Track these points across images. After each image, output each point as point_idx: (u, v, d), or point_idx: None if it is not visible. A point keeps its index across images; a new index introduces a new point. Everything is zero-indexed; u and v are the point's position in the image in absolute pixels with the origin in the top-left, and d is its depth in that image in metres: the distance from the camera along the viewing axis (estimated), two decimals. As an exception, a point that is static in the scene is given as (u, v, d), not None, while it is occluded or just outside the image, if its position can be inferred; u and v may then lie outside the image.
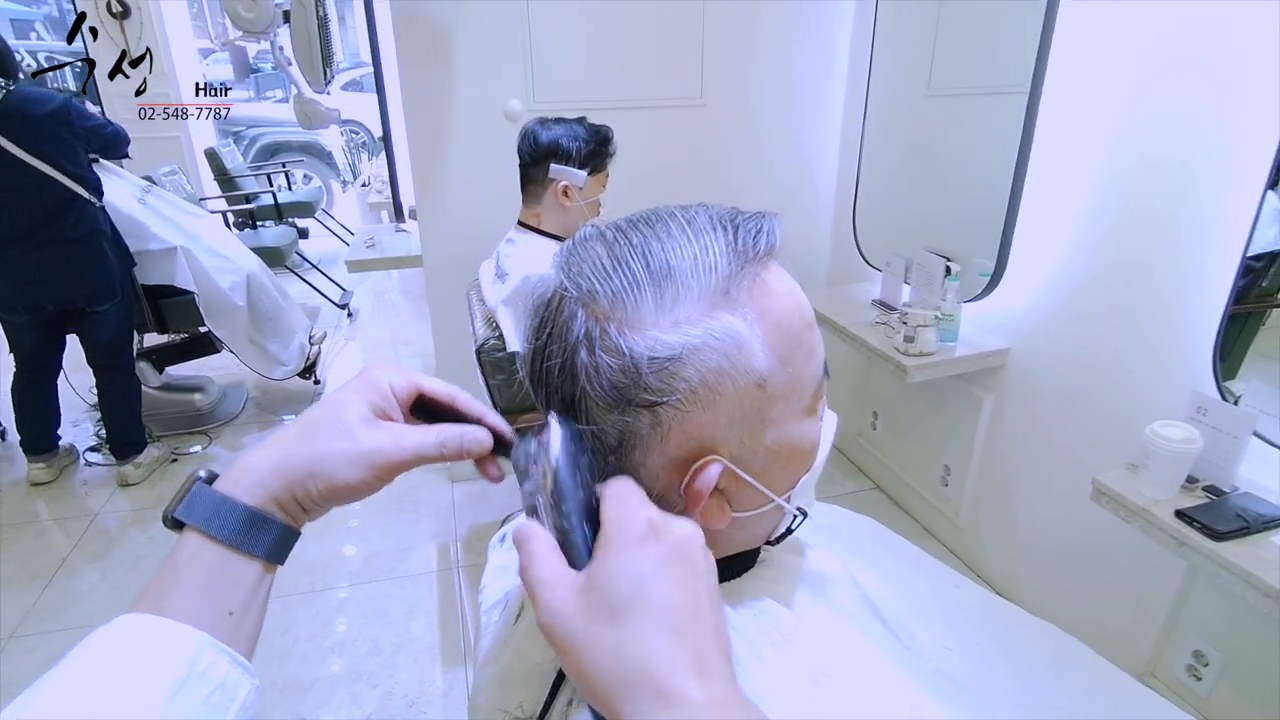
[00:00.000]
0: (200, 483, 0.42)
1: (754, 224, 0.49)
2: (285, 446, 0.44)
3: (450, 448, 0.46)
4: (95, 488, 2.66)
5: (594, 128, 1.64)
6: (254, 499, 0.42)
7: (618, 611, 0.37)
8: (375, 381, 0.47)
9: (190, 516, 0.41)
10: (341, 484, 0.44)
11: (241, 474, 0.43)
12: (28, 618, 2.03)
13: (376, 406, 0.46)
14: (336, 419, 0.45)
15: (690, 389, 0.45)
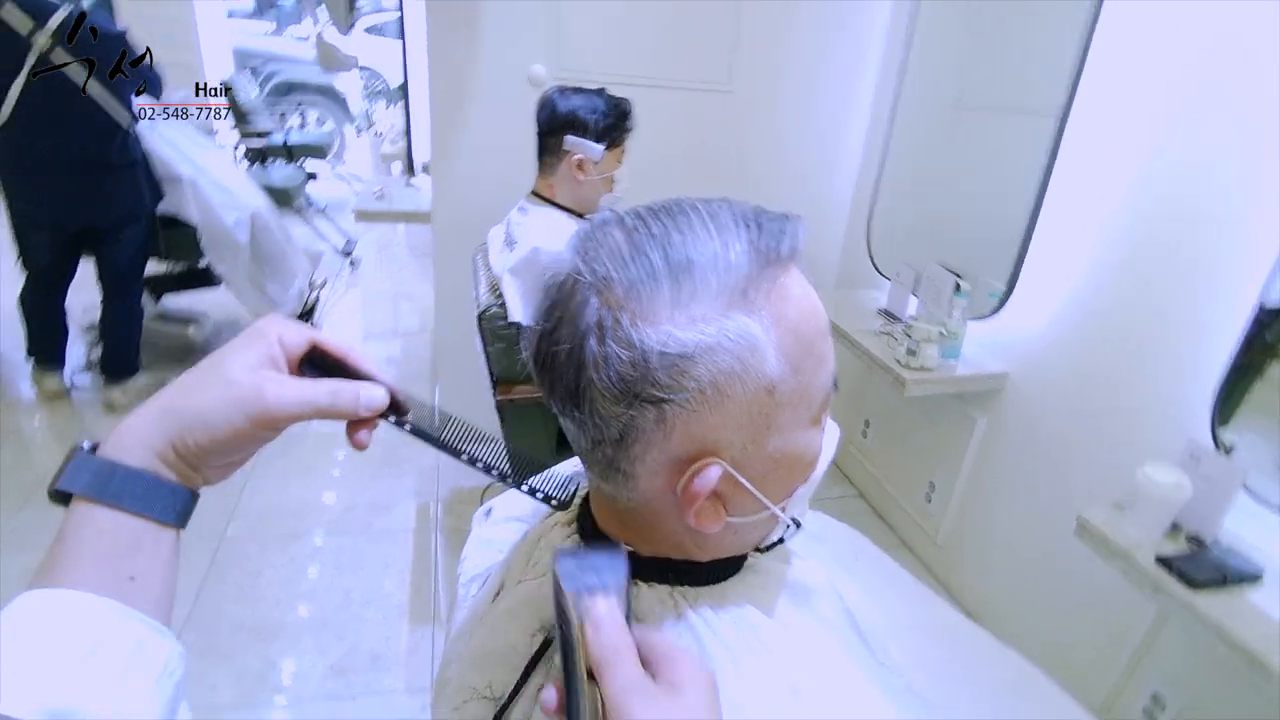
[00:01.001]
0: (83, 452, 0.40)
1: (778, 225, 0.48)
2: (165, 401, 0.42)
3: (344, 399, 0.45)
4: (80, 410, 2.65)
5: (614, 101, 1.61)
6: (138, 459, 0.40)
7: None
8: (263, 332, 0.45)
9: (74, 485, 0.39)
10: (222, 434, 0.41)
11: (123, 436, 0.41)
12: (9, 531, 2.02)
13: (264, 358, 0.44)
14: (217, 369, 0.43)
15: (699, 388, 0.44)
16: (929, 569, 2.26)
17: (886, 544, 2.35)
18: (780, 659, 0.54)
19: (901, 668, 0.69)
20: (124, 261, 2.60)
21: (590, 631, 0.41)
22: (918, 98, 2.27)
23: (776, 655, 0.54)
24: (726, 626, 0.54)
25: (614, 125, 1.59)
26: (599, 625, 0.41)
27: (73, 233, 2.50)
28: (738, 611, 0.56)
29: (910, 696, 0.66)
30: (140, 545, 0.40)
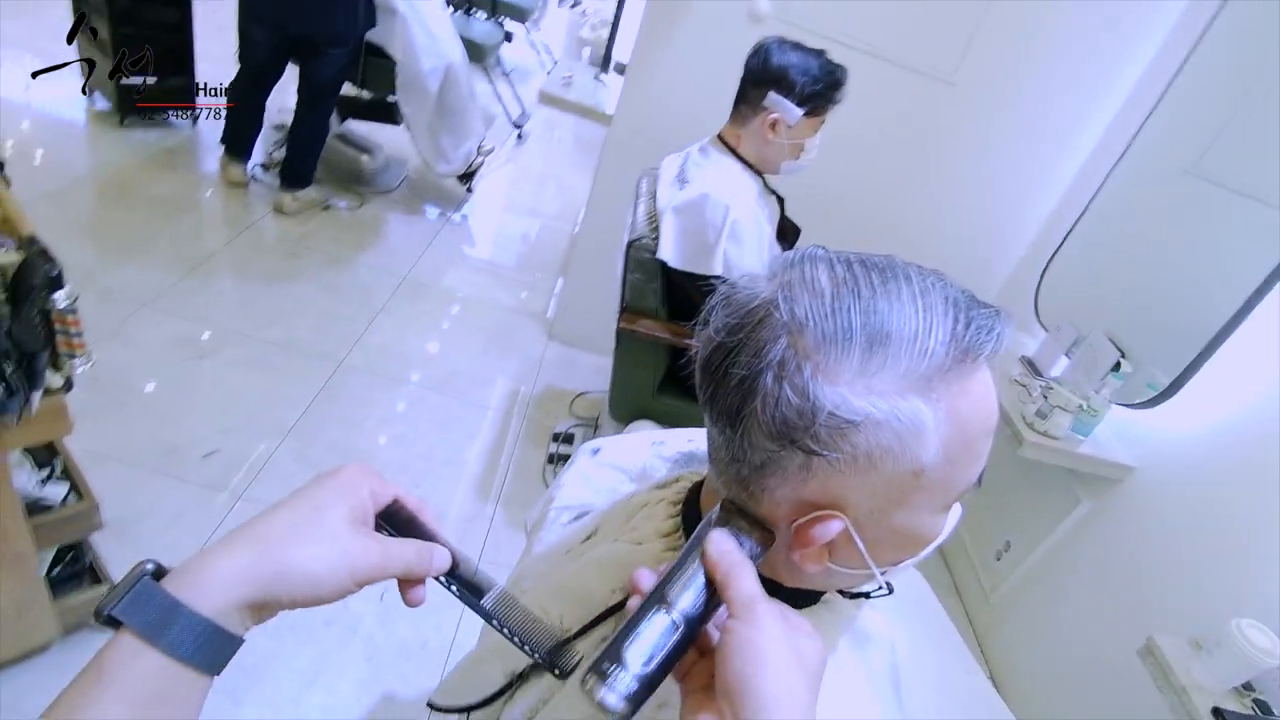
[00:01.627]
0: (147, 579, 0.37)
1: (986, 324, 0.47)
2: (256, 548, 0.40)
3: (423, 562, 0.46)
4: (253, 203, 2.88)
5: (830, 67, 1.52)
6: (210, 607, 0.37)
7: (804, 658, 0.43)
8: (356, 486, 0.45)
9: (133, 620, 0.36)
10: (327, 592, 0.41)
11: (200, 576, 0.38)
12: (162, 295, 2.26)
13: (356, 511, 0.44)
14: (319, 522, 0.42)
15: (853, 454, 0.45)
16: (970, 620, 2.21)
17: (936, 582, 2.29)
18: (825, 695, 0.57)
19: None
20: (324, 78, 2.75)
21: (713, 549, 0.45)
22: (1148, 150, 2.05)
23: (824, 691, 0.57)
24: None
25: (821, 93, 1.51)
26: (719, 544, 0.45)
27: (290, 37, 2.65)
28: None
29: None
30: (175, 691, 0.37)
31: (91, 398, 1.84)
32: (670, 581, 0.45)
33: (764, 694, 0.40)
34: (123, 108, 2.97)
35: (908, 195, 2.41)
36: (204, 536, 1.66)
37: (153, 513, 1.67)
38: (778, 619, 0.43)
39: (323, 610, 1.59)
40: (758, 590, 0.44)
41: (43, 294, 0.95)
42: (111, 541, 1.54)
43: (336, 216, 2.98)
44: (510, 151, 4.24)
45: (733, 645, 0.42)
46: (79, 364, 1.06)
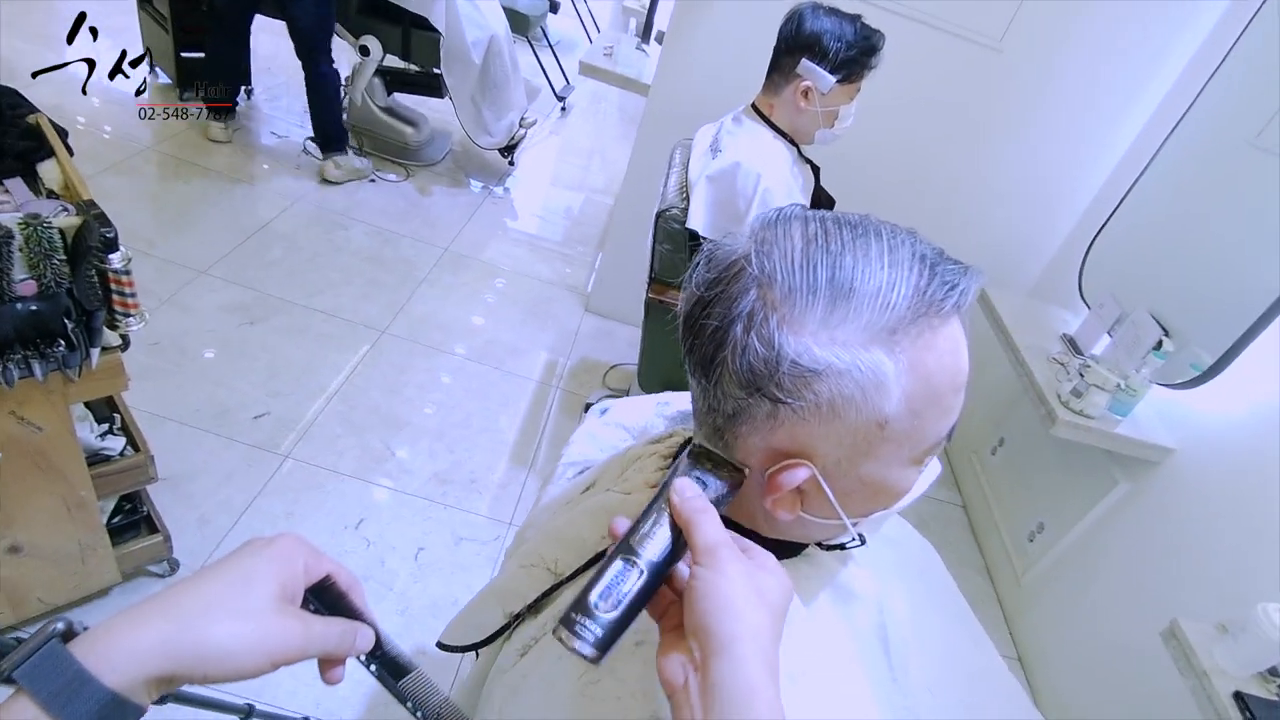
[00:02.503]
0: (55, 641, 0.36)
1: (952, 278, 0.48)
2: (172, 620, 0.38)
3: (347, 643, 0.46)
4: (303, 176, 2.97)
5: (865, 32, 1.48)
6: (121, 681, 0.36)
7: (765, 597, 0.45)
8: (290, 559, 0.44)
9: (34, 684, 0.34)
10: (246, 671, 0.40)
11: (111, 645, 0.37)
12: (217, 264, 2.37)
13: (286, 587, 0.43)
14: (245, 595, 0.41)
15: (816, 402, 0.46)
16: (1000, 602, 2.19)
17: (967, 563, 2.29)
18: (796, 645, 0.58)
19: (915, 691, 0.72)
20: (304, 24, 2.72)
21: (676, 497, 0.47)
22: (1206, 120, 1.96)
23: (795, 641, 0.59)
24: None
25: (855, 59, 1.47)
26: (682, 492, 0.47)
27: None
28: None
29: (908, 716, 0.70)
30: None
31: (150, 361, 1.95)
32: (636, 529, 0.47)
33: (725, 634, 0.42)
34: (182, 82, 3.10)
35: (949, 166, 2.36)
36: (253, 494, 1.76)
37: (206, 471, 1.77)
38: (738, 560, 0.45)
39: (358, 565, 1.68)
40: (719, 535, 0.46)
41: (98, 255, 1.02)
42: (167, 496, 1.65)
43: (382, 189, 3.06)
44: (554, 124, 4.26)
45: (697, 590, 0.44)
46: (134, 322, 1.13)
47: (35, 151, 1.15)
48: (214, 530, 1.66)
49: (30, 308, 1.00)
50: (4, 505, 1.20)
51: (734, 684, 0.42)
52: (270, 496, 1.76)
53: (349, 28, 2.99)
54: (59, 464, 1.21)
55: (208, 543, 1.63)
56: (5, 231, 0.91)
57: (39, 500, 1.23)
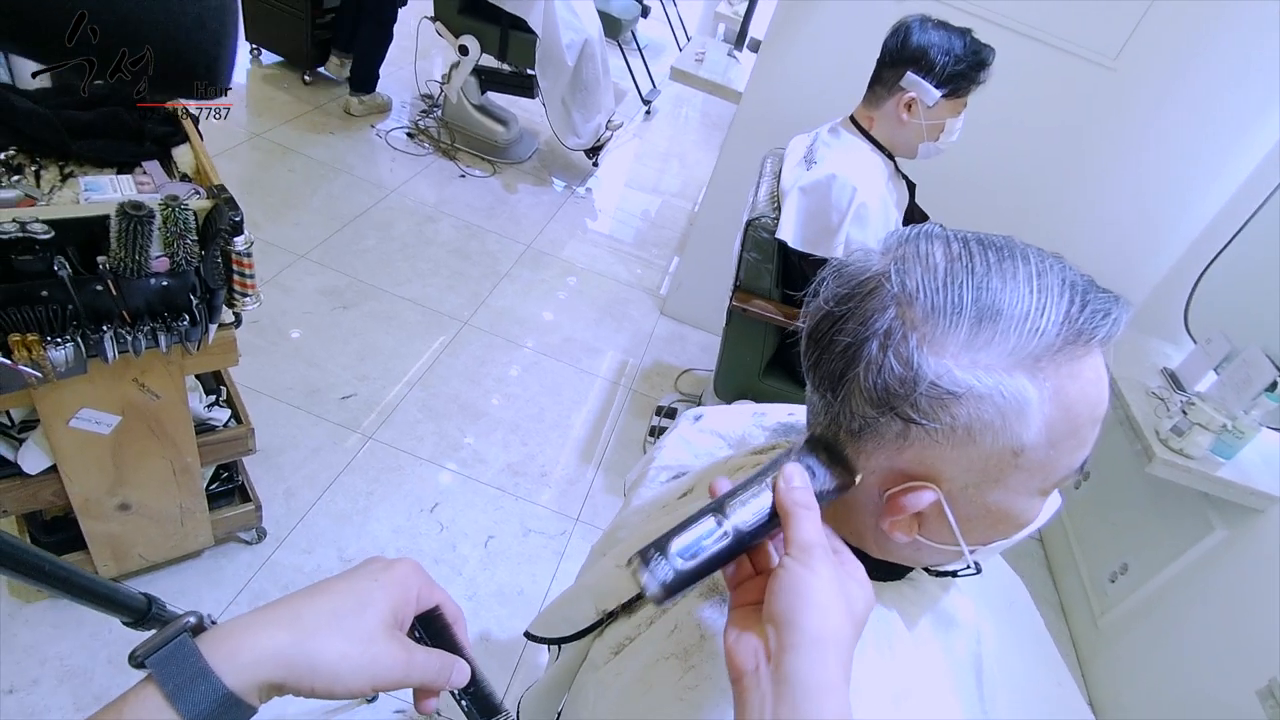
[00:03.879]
0: (185, 636, 0.38)
1: (1103, 308, 0.46)
2: (293, 631, 0.40)
3: (443, 677, 0.46)
4: (398, 168, 3.08)
5: (975, 46, 1.45)
6: (239, 681, 0.38)
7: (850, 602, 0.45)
8: (406, 586, 0.46)
9: (162, 674, 0.37)
10: (341, 689, 0.41)
11: (235, 646, 0.39)
12: (315, 249, 2.48)
13: (398, 612, 0.45)
14: (359, 618, 0.42)
15: (952, 426, 0.45)
16: (1074, 643, 2.10)
17: (1041, 598, 2.20)
18: (899, 667, 0.58)
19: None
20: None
21: (783, 482, 0.47)
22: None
23: (898, 663, 0.58)
24: (870, 620, 0.59)
25: (963, 74, 1.43)
26: (789, 479, 0.47)
27: None
28: (883, 612, 0.59)
29: None
30: None
31: (250, 338, 2.06)
32: (734, 495, 0.47)
33: (808, 630, 0.43)
34: (297, 66, 3.33)
35: (1053, 187, 2.27)
36: (336, 471, 1.83)
37: (294, 445, 1.85)
38: (831, 564, 0.45)
39: (431, 549, 1.73)
40: (817, 536, 0.46)
41: (226, 237, 1.08)
42: (259, 467, 1.73)
43: (470, 184, 3.14)
44: (638, 127, 4.29)
45: (785, 580, 0.44)
46: (250, 302, 1.20)
47: (172, 136, 1.23)
48: (299, 503, 1.73)
49: (162, 283, 1.06)
50: (120, 465, 1.28)
51: (810, 680, 0.42)
52: (353, 474, 1.83)
53: (450, 27, 3.08)
54: (171, 430, 1.29)
55: (293, 515, 1.71)
56: (149, 211, 0.97)
57: (150, 463, 1.31)
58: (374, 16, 3.14)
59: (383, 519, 1.77)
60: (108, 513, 1.34)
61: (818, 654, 0.42)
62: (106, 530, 1.38)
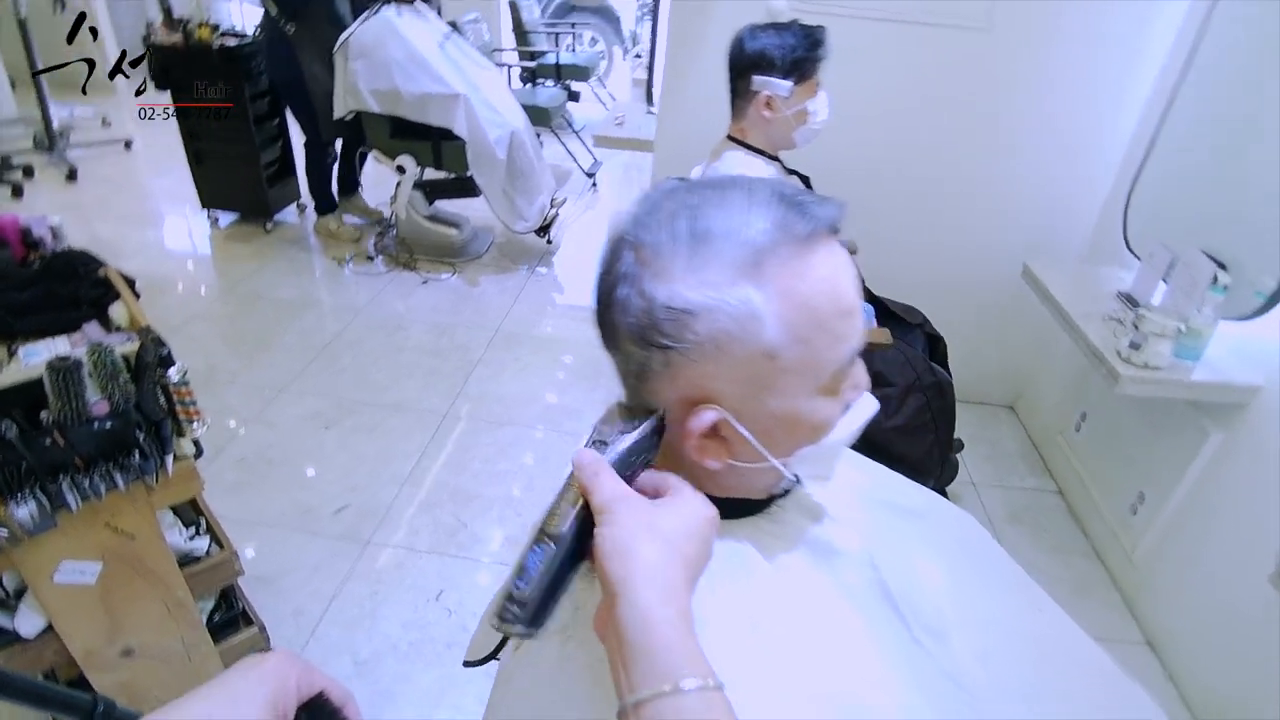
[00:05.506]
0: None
1: (812, 208, 0.51)
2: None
3: None
4: (361, 291, 3.23)
5: (805, 31, 1.53)
6: None
7: (659, 533, 0.47)
8: (282, 676, 0.47)
9: None
10: None
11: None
12: (295, 380, 2.60)
13: (276, 703, 0.46)
14: (234, 705, 0.44)
15: (698, 342, 0.50)
16: (1117, 585, 2.03)
17: (1073, 549, 2.15)
18: (756, 595, 0.59)
19: (957, 656, 0.70)
20: (299, 118, 3.40)
21: (574, 469, 0.50)
22: (1225, 39, 1.87)
23: (754, 592, 0.60)
24: (719, 555, 0.61)
25: (803, 58, 1.51)
26: (578, 461, 0.50)
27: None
28: (735, 545, 0.62)
29: (944, 682, 0.67)
30: None
31: (240, 476, 2.14)
32: (549, 510, 0.50)
33: (616, 577, 0.45)
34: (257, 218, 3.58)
35: (969, 155, 2.33)
36: (339, 582, 1.87)
37: (296, 567, 1.90)
38: (632, 510, 0.48)
39: (442, 635, 1.75)
40: (613, 491, 0.48)
41: (156, 370, 1.16)
42: (264, 594, 1.79)
43: (434, 288, 3.28)
44: (589, 200, 4.46)
45: (599, 548, 0.47)
46: (198, 428, 1.27)
47: (104, 297, 1.34)
48: (307, 619, 1.77)
49: (106, 425, 1.14)
50: (112, 611, 1.34)
51: (630, 618, 0.44)
52: (355, 581, 1.87)
53: (385, 152, 3.29)
54: (154, 567, 1.35)
55: (303, 632, 1.74)
56: (75, 361, 1.06)
57: (142, 604, 1.37)
58: (309, 146, 3.45)
59: (390, 617, 1.80)
60: (112, 661, 1.39)
61: (630, 592, 0.44)
62: (116, 680, 1.42)
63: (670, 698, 0.42)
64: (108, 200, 3.92)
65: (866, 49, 2.19)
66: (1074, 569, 2.10)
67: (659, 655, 0.43)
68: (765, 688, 0.54)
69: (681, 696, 0.42)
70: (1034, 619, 0.86)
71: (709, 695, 0.43)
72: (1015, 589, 0.90)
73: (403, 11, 3.07)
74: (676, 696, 0.42)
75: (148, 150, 4.52)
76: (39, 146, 4.12)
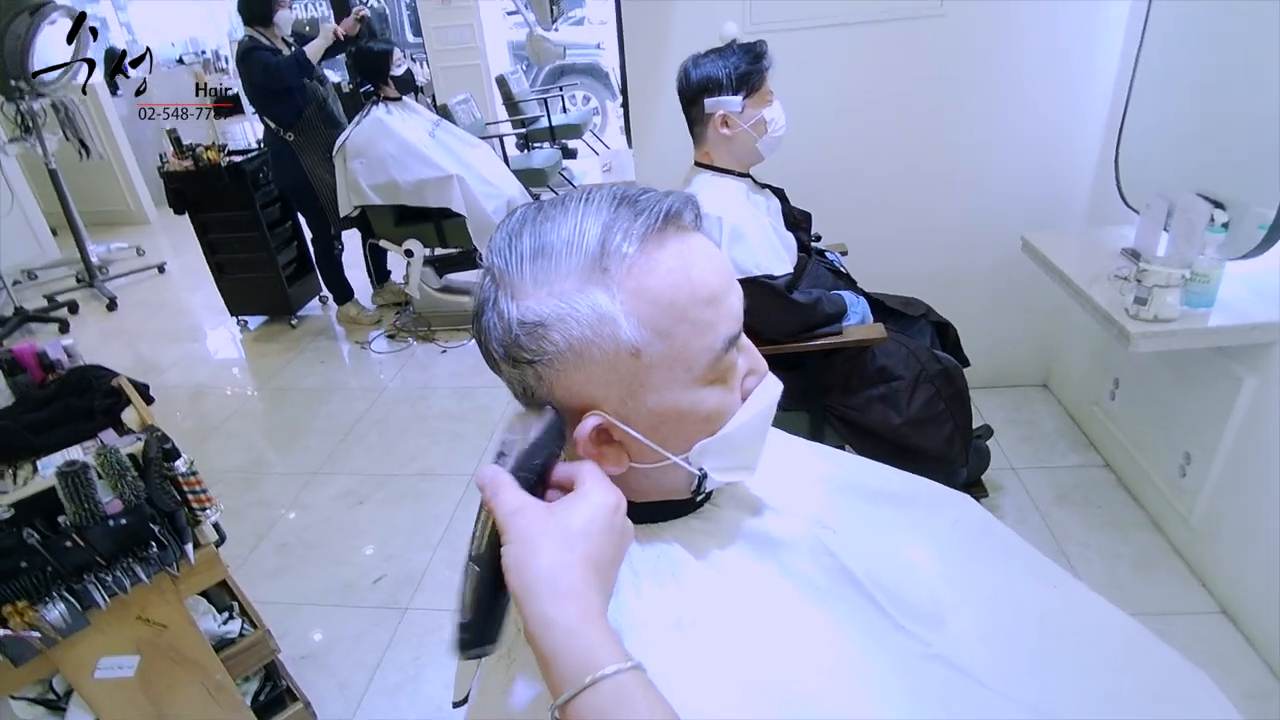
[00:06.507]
0: None
1: (645, 202, 0.53)
2: None
3: None
4: (383, 370, 3.33)
5: (745, 48, 1.57)
6: None
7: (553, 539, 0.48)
8: None
9: None
10: None
11: None
12: (326, 462, 2.68)
13: None
14: None
15: (559, 351, 0.52)
16: (1180, 554, 1.92)
17: (1130, 523, 2.05)
18: (684, 595, 0.59)
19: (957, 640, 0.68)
20: (307, 217, 3.61)
21: (478, 482, 0.51)
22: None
23: (683, 591, 0.59)
24: (647, 558, 0.61)
25: (748, 72, 1.55)
26: (481, 477, 0.51)
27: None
28: (663, 548, 0.62)
29: (935, 666, 0.66)
30: None
31: (282, 560, 2.20)
32: (471, 534, 0.51)
33: (519, 591, 0.46)
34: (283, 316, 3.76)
35: (951, 141, 2.32)
36: (382, 651, 1.89)
37: (339, 641, 1.93)
38: (530, 518, 0.48)
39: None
40: (509, 504, 0.49)
41: (162, 463, 1.22)
42: (310, 671, 1.82)
43: (453, 355, 3.37)
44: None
45: (504, 565, 0.48)
46: (211, 514, 1.33)
47: (116, 404, 1.41)
48: (354, 691, 1.79)
49: (121, 522, 1.20)
50: (156, 701, 1.38)
51: (535, 629, 0.45)
52: (398, 648, 1.89)
53: (391, 239, 3.43)
54: (191, 655, 1.39)
55: (350, 704, 1.76)
56: (82, 465, 1.13)
57: (183, 691, 1.41)
58: (317, 242, 3.64)
59: (434, 679, 1.80)
60: (162, 752, 1.43)
61: (530, 602, 0.45)
62: (169, 770, 1.46)
63: (587, 692, 0.43)
64: (146, 322, 4.16)
65: (827, 55, 2.22)
66: (1133, 543, 2.00)
67: (566, 657, 0.44)
68: (694, 683, 0.53)
69: (597, 689, 0.43)
70: (1048, 595, 0.83)
71: (622, 678, 0.44)
72: (1025, 567, 0.87)
73: (392, 109, 3.23)
74: (593, 690, 0.43)
75: (180, 271, 4.79)
76: (80, 282, 4.41)
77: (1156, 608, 1.80)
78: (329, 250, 3.64)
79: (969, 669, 0.66)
